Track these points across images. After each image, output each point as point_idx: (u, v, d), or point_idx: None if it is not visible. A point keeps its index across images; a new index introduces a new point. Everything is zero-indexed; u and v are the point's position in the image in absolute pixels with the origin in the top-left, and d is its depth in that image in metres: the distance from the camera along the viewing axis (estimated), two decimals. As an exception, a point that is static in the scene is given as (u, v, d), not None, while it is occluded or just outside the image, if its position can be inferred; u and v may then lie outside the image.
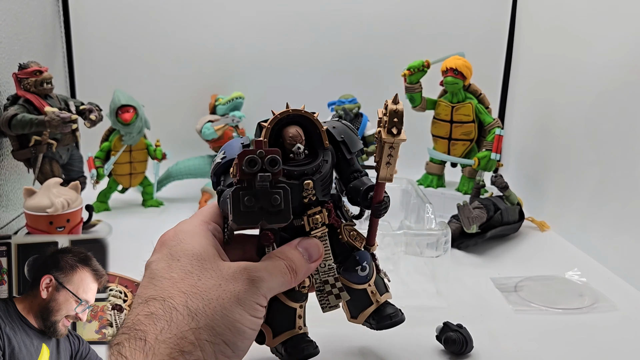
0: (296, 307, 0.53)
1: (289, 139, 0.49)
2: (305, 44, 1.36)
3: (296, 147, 0.49)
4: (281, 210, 0.45)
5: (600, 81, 0.93)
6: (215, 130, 1.17)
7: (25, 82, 0.94)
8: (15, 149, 0.95)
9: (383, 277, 0.57)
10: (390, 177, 0.49)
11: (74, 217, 0.84)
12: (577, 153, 1.01)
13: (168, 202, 1.18)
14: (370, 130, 1.18)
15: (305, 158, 0.50)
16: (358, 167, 0.55)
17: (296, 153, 0.49)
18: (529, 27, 1.28)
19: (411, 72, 1.08)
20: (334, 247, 0.53)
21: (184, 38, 1.34)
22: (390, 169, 0.49)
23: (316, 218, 0.50)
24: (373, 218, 0.53)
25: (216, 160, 0.53)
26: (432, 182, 1.14)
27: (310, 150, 0.51)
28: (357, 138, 0.54)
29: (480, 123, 1.08)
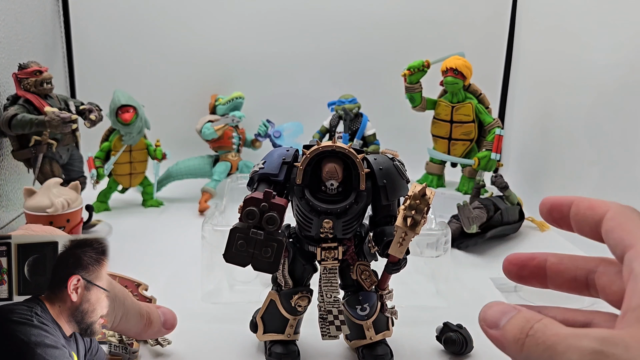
0: (290, 318, 0.55)
1: (325, 173, 0.49)
2: (306, 43, 1.36)
3: (329, 184, 0.49)
4: (270, 262, 0.46)
5: (600, 81, 0.93)
6: (215, 130, 1.17)
7: (25, 82, 0.94)
8: (15, 149, 0.95)
9: (389, 316, 0.57)
10: (400, 255, 0.49)
11: (74, 217, 0.84)
12: (577, 153, 1.01)
13: (168, 202, 1.18)
14: (370, 130, 1.18)
15: (337, 194, 0.50)
16: (394, 212, 0.53)
17: (329, 188, 0.49)
18: (529, 27, 1.28)
19: (411, 72, 1.08)
20: (345, 279, 0.54)
21: (184, 38, 1.34)
22: (400, 249, 0.48)
23: (329, 252, 0.52)
24: (385, 272, 0.53)
25: (254, 168, 0.54)
26: (432, 182, 1.14)
27: (344, 187, 0.50)
28: (401, 183, 0.52)
29: (480, 123, 1.08)
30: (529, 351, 0.25)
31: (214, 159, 1.23)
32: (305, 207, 0.50)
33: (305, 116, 1.27)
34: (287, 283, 0.55)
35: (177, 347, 0.60)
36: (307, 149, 0.50)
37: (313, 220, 0.50)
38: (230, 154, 1.21)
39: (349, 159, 0.50)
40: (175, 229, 1.01)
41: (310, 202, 0.49)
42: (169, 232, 0.99)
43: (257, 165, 0.53)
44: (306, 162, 0.49)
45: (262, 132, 1.24)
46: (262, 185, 0.51)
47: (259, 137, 1.25)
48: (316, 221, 0.50)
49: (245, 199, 0.46)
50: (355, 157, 0.49)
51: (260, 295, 0.70)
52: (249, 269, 0.47)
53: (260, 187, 0.51)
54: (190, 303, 0.71)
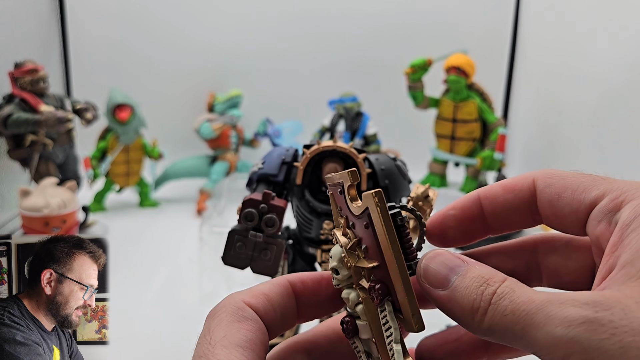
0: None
1: (326, 174, 0.48)
2: (305, 41, 1.35)
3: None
4: (270, 265, 0.45)
5: (604, 80, 0.92)
6: (214, 130, 1.16)
7: (20, 80, 0.93)
8: (11, 148, 0.94)
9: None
10: None
11: (70, 218, 0.83)
12: (581, 152, 0.99)
13: (165, 202, 1.17)
14: (372, 129, 1.17)
15: None
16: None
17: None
18: (532, 24, 1.27)
19: (413, 70, 1.07)
20: None
21: (181, 36, 1.33)
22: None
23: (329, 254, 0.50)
24: None
25: (254, 169, 0.52)
26: (435, 182, 1.13)
27: None
28: (403, 184, 0.50)
29: (483, 122, 1.07)
30: (492, 323, 0.19)
31: (211, 158, 1.21)
32: (305, 208, 0.49)
33: (305, 115, 1.26)
34: None
35: (175, 349, 0.58)
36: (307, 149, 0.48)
37: (313, 221, 0.49)
38: (229, 154, 1.20)
39: (350, 159, 0.48)
40: (172, 229, 1.00)
41: (310, 202, 0.48)
42: (166, 233, 0.98)
43: (256, 165, 0.52)
44: (306, 162, 0.48)
45: (261, 131, 1.22)
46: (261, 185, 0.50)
47: (258, 136, 1.24)
48: (316, 222, 0.49)
49: (244, 201, 0.45)
50: (356, 157, 0.48)
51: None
52: (248, 271, 0.46)
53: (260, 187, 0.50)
54: (188, 305, 0.70)
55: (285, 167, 0.50)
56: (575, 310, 0.17)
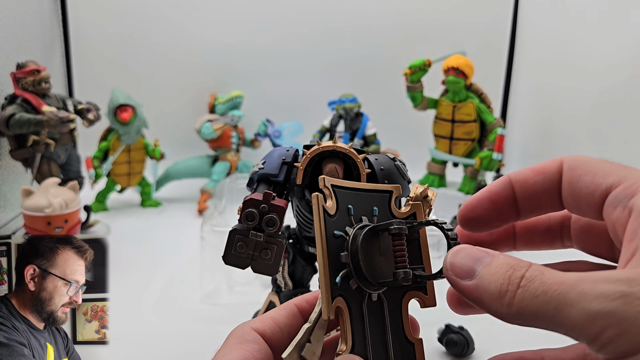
0: None
1: (326, 174, 0.48)
2: (306, 42, 1.36)
3: None
4: (270, 264, 0.45)
5: (602, 80, 0.93)
6: (215, 130, 1.16)
7: (23, 81, 0.93)
8: (13, 148, 0.95)
9: None
10: None
11: (72, 218, 0.83)
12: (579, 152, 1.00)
13: (167, 202, 1.18)
14: (371, 129, 1.18)
15: None
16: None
17: None
18: (531, 26, 1.27)
19: (412, 71, 1.07)
20: None
21: (182, 37, 1.34)
22: None
23: None
24: None
25: (254, 169, 0.53)
26: (434, 182, 1.14)
27: None
28: (403, 184, 0.50)
29: (482, 122, 1.08)
30: (523, 305, 0.19)
31: (213, 158, 1.22)
32: (306, 208, 0.49)
33: (305, 115, 1.27)
34: (287, 284, 0.54)
35: (176, 349, 0.59)
36: (307, 149, 0.49)
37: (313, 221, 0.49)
38: (230, 154, 1.21)
39: (350, 159, 0.49)
40: (173, 229, 1.01)
41: (310, 202, 0.48)
42: (168, 233, 0.99)
43: (257, 165, 0.53)
44: (306, 162, 0.48)
45: (262, 132, 1.23)
46: (261, 185, 0.51)
47: (259, 137, 1.24)
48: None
49: (244, 200, 0.45)
50: (356, 158, 0.48)
51: (260, 296, 0.69)
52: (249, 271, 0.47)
53: (260, 187, 0.51)
54: (189, 304, 0.70)
55: (286, 167, 0.50)
56: (610, 286, 0.18)
